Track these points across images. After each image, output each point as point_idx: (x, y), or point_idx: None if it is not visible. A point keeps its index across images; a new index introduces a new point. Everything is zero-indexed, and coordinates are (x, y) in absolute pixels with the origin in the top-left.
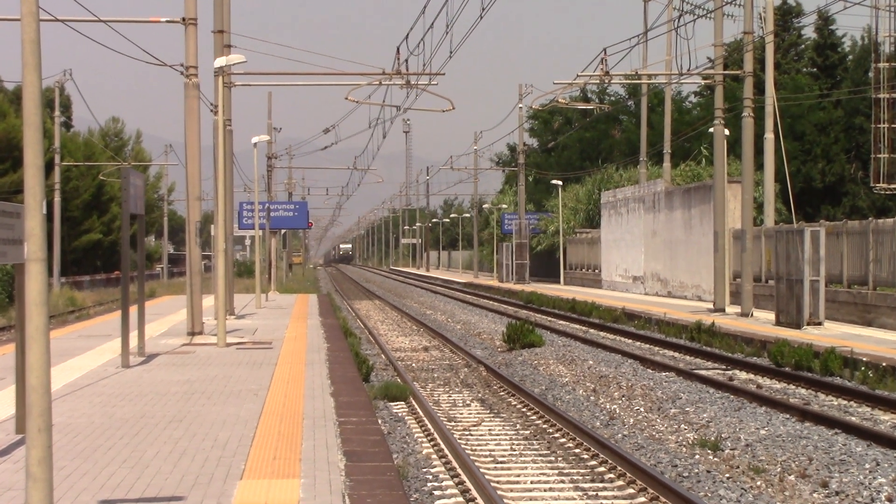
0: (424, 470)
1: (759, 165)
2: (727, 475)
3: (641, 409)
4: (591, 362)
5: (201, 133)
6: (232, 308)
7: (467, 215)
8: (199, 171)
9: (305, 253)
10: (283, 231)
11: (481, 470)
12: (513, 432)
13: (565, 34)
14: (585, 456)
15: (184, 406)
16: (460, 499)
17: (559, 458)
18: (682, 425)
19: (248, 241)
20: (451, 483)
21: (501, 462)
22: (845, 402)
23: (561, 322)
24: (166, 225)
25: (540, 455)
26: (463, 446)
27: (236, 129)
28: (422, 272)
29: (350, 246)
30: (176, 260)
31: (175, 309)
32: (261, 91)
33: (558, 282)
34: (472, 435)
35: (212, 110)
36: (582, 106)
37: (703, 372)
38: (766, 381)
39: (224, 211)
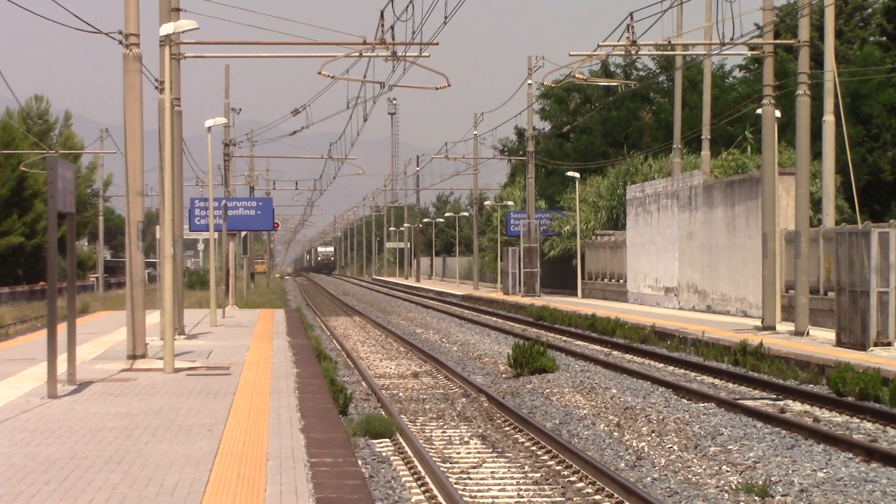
0: None
1: (817, 154)
2: None
3: (675, 448)
4: (614, 391)
5: (144, 115)
6: (181, 326)
7: (465, 214)
8: (142, 161)
9: (270, 260)
10: (243, 233)
11: None
12: (520, 475)
13: None
14: None
15: (123, 444)
16: None
17: None
18: (724, 467)
19: (200, 246)
20: None
21: None
22: None
23: (578, 342)
24: (102, 226)
25: (553, 503)
26: (461, 492)
27: (187, 111)
28: (411, 282)
29: (332, 249)
30: (114, 268)
31: (112, 327)
32: (216, 64)
33: (575, 294)
34: (471, 479)
35: (157, 87)
36: (604, 82)
37: (749, 402)
38: (824, 414)
39: (172, 209)
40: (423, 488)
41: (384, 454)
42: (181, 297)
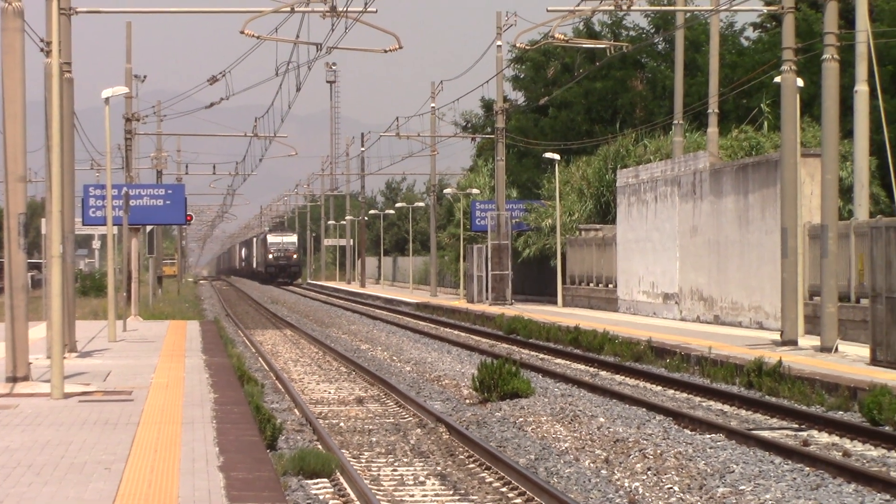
0: None
1: (848, 132)
2: None
3: (676, 489)
4: (602, 420)
5: (26, 83)
6: (73, 342)
7: (421, 204)
8: (24, 140)
9: (182, 260)
10: (149, 228)
11: None
12: None
13: None
14: None
15: (0, 487)
16: None
17: None
18: None
19: (96, 244)
20: None
21: None
22: None
23: (558, 361)
24: None
25: None
26: None
27: (81, 78)
28: (354, 288)
29: (294, 239)
30: None
31: None
32: (116, 21)
33: (555, 302)
34: None
35: (42, 49)
36: (589, 44)
37: (765, 433)
38: (856, 447)
39: (61, 198)
40: None
41: (321, 497)
42: (72, 307)
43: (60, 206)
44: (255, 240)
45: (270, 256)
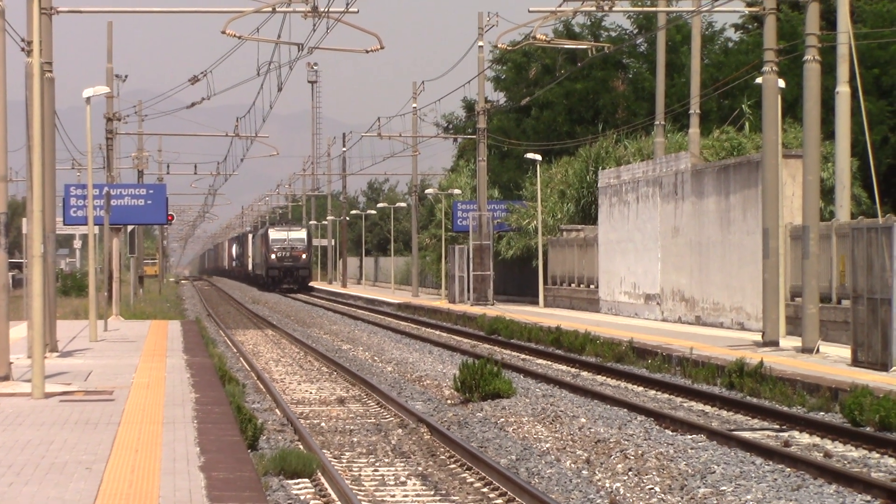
0: None
1: (829, 133)
2: None
3: (657, 489)
4: (583, 420)
5: (7, 82)
6: (54, 341)
7: (403, 205)
8: (5, 139)
9: (164, 260)
10: (130, 228)
11: None
12: None
13: None
14: None
15: None
16: None
17: None
18: None
19: (77, 243)
20: None
21: None
22: None
23: (540, 361)
24: None
25: None
26: None
27: (62, 77)
28: (336, 288)
29: (304, 236)
30: None
31: None
32: (97, 21)
33: (536, 302)
34: None
35: (23, 49)
36: (570, 45)
37: (746, 434)
38: (837, 448)
39: (42, 198)
40: None
41: (302, 497)
42: (53, 306)
43: (41, 205)
44: (250, 236)
45: (273, 256)
